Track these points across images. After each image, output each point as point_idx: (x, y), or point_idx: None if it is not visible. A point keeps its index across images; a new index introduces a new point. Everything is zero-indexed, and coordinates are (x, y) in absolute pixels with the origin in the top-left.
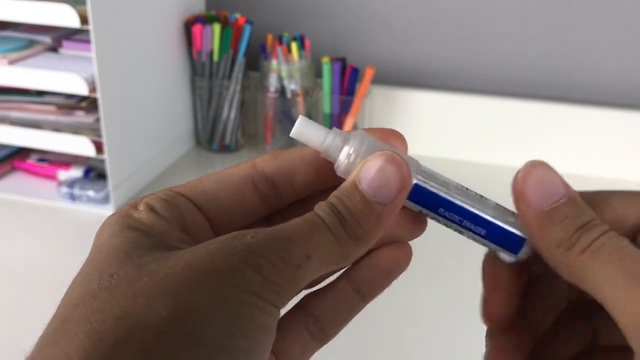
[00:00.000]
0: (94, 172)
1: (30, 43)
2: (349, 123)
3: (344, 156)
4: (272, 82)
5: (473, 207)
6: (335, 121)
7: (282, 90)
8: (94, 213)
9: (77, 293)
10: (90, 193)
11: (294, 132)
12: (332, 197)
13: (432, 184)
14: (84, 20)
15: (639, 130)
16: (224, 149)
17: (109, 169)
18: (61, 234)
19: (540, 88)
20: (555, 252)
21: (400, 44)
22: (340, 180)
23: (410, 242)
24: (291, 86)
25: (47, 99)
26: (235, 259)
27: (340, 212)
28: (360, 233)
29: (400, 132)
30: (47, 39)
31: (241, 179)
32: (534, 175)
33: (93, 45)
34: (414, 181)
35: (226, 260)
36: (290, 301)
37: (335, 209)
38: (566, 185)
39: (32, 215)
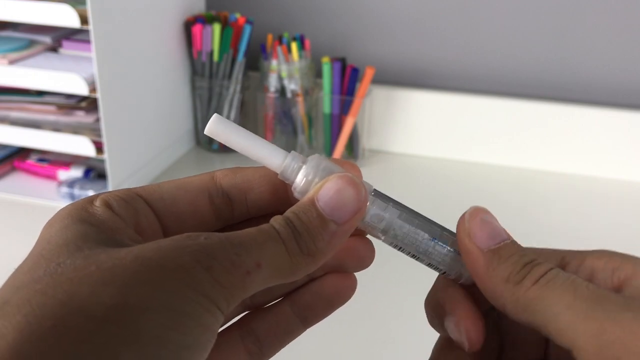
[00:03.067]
0: (94, 172)
1: (30, 43)
2: (349, 123)
3: (302, 177)
4: (272, 82)
5: (420, 236)
6: (335, 121)
7: (282, 90)
8: None
9: (20, 278)
10: (90, 193)
11: (208, 130)
12: (289, 212)
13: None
14: (84, 20)
15: (639, 130)
16: (224, 149)
17: (109, 169)
18: None
19: (540, 88)
20: (503, 287)
21: (400, 44)
22: (294, 203)
23: None
24: (291, 86)
25: (47, 99)
26: (186, 256)
27: (296, 226)
28: (313, 249)
29: (400, 132)
30: (47, 39)
31: (199, 189)
32: (479, 217)
33: (93, 45)
34: (370, 205)
35: (177, 257)
36: (232, 318)
37: (290, 223)
38: (507, 233)
39: (32, 215)
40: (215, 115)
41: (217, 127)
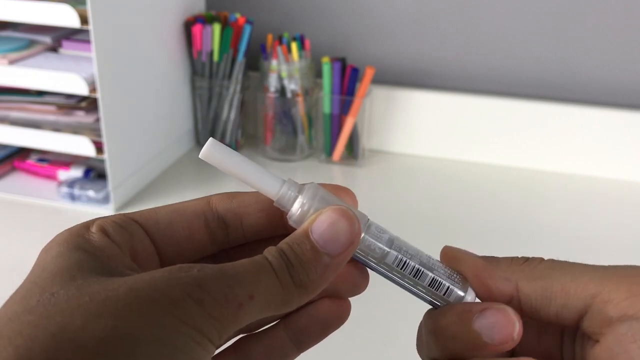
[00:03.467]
0: (94, 172)
1: (30, 43)
2: (349, 123)
3: (297, 206)
4: (272, 82)
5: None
6: (335, 121)
7: (282, 90)
8: (94, 213)
9: (13, 308)
10: (90, 193)
11: (202, 154)
12: (283, 243)
13: (376, 247)
14: (84, 20)
15: (639, 130)
16: None
17: (109, 169)
18: None
19: (540, 88)
20: (511, 269)
21: (400, 44)
22: (289, 230)
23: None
24: (291, 86)
25: (47, 99)
26: (178, 289)
27: (289, 258)
28: (306, 281)
29: (400, 132)
30: (47, 39)
31: (194, 214)
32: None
33: (93, 45)
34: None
35: (168, 290)
36: (226, 341)
37: (284, 255)
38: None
39: (32, 215)
40: (210, 139)
41: (213, 152)
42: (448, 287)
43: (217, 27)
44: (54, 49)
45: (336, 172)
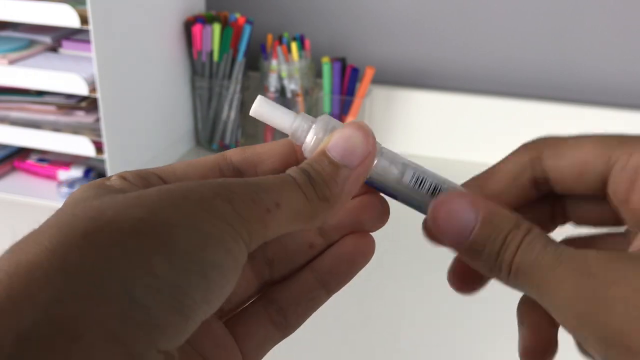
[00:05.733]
0: (94, 172)
1: (30, 43)
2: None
3: (311, 136)
4: (272, 82)
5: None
6: None
7: (282, 90)
8: None
9: (50, 218)
10: None
11: (253, 111)
12: (304, 163)
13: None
14: (84, 20)
15: (639, 130)
16: (224, 149)
17: (109, 169)
18: None
19: (540, 88)
20: (491, 275)
21: (400, 44)
22: None
23: (405, 241)
24: (291, 86)
25: (47, 99)
26: (207, 189)
27: (310, 174)
28: (328, 195)
29: (400, 132)
30: (47, 39)
31: (209, 166)
32: (441, 214)
33: (93, 45)
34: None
35: (200, 189)
36: (250, 293)
37: (305, 171)
38: (476, 203)
39: (32, 215)
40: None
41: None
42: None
43: (217, 27)
44: (54, 49)
45: None
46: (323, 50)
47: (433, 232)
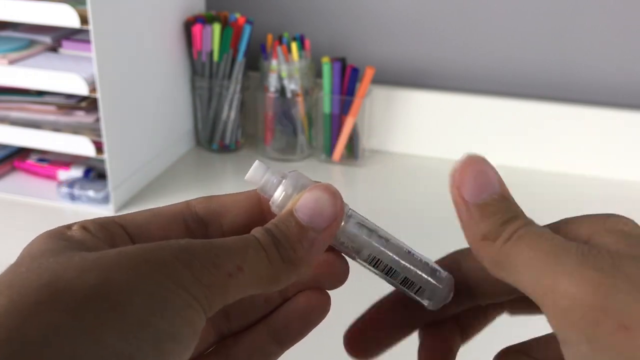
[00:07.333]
0: (94, 172)
1: (30, 43)
2: (349, 123)
3: (280, 192)
4: (272, 82)
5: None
6: (335, 121)
7: (282, 90)
8: (94, 213)
9: (2, 276)
10: (90, 193)
11: (248, 177)
12: (269, 223)
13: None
14: (84, 20)
15: (639, 130)
16: (224, 149)
17: (109, 169)
18: None
19: (540, 88)
20: (480, 245)
21: (400, 44)
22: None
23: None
24: (291, 86)
25: (47, 99)
26: (167, 253)
27: (275, 235)
28: (293, 257)
29: (400, 132)
30: (47, 39)
31: (173, 215)
32: (472, 168)
33: (93, 45)
34: (348, 214)
35: (159, 253)
36: (208, 348)
37: (270, 232)
38: (501, 183)
39: (32, 215)
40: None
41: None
42: (420, 287)
43: (217, 27)
44: (54, 49)
45: (336, 172)
46: (323, 50)
47: (458, 177)
